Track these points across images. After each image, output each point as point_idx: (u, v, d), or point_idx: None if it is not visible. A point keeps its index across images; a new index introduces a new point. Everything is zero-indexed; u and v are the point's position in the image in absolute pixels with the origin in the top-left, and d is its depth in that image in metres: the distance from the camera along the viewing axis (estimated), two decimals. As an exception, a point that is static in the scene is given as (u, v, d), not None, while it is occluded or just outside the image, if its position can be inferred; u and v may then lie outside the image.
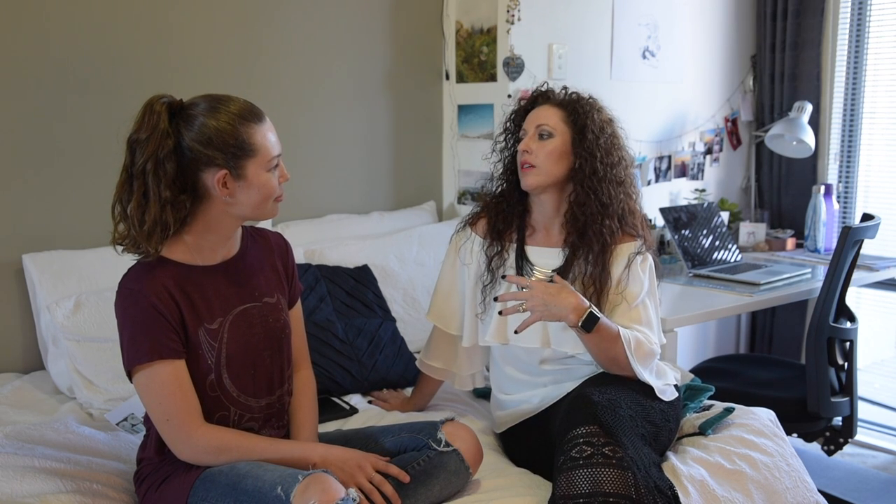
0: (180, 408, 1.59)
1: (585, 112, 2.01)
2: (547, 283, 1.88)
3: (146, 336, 1.58)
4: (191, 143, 1.59)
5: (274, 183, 1.67)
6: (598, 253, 1.98)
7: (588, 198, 1.98)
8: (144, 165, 1.58)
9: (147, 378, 1.59)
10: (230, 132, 1.60)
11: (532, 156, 2.00)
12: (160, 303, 1.59)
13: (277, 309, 1.79)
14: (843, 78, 3.80)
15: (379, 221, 3.08)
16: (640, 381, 1.90)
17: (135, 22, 2.55)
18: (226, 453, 1.62)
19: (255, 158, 1.63)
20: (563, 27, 3.21)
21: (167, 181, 1.58)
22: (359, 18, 3.04)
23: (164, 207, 1.59)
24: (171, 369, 1.59)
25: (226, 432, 1.64)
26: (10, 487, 1.65)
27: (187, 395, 1.61)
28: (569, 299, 1.82)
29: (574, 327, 1.83)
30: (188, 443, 1.61)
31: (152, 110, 1.60)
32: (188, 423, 1.60)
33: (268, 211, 1.70)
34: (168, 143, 1.58)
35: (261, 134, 1.64)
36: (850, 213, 3.85)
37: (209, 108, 1.61)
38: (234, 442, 1.63)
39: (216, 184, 1.61)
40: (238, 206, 1.65)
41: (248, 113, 1.63)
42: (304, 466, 1.62)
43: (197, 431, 1.60)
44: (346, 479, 1.61)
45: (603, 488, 1.59)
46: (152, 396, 1.60)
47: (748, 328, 4.12)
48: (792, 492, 1.96)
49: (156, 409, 1.61)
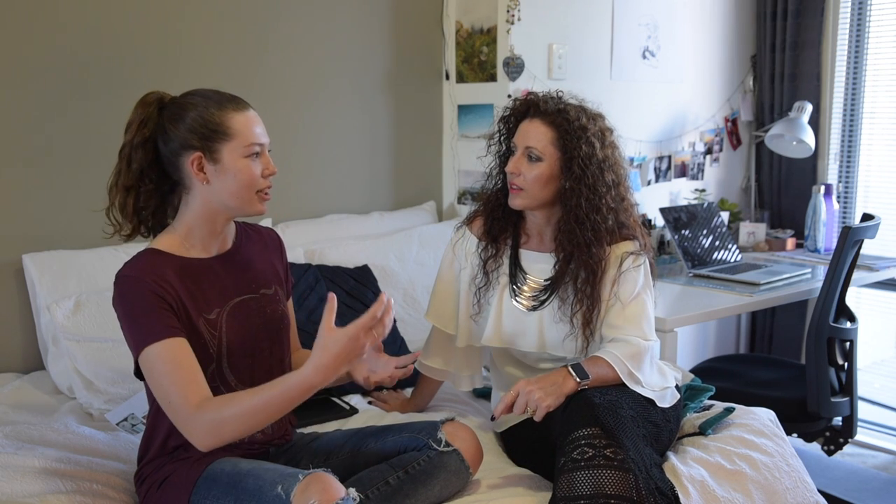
0: (179, 389, 1.53)
1: (577, 136, 1.94)
2: (528, 380, 1.80)
3: (144, 322, 1.57)
4: (171, 129, 1.64)
5: (253, 171, 1.66)
6: (588, 273, 1.97)
7: (573, 231, 1.95)
8: (121, 151, 1.67)
9: (148, 362, 1.57)
10: (206, 115, 1.63)
11: (520, 178, 1.97)
12: (158, 287, 1.59)
13: (275, 300, 1.80)
14: (843, 78, 3.80)
15: (379, 221, 3.08)
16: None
17: (135, 23, 2.55)
18: (226, 424, 1.52)
19: (231, 142, 1.63)
20: (563, 27, 3.21)
21: (135, 168, 1.66)
22: (359, 18, 3.04)
23: (127, 193, 1.67)
24: (165, 348, 1.55)
25: (216, 407, 1.53)
26: (10, 487, 1.65)
27: (185, 374, 1.54)
28: (550, 378, 1.80)
29: (577, 388, 1.79)
30: (187, 427, 1.54)
31: (143, 102, 1.68)
32: (185, 407, 1.53)
33: (251, 202, 1.68)
34: (144, 132, 1.65)
35: (239, 120, 1.65)
36: (850, 213, 3.85)
37: (192, 97, 1.67)
38: (227, 410, 1.52)
39: (191, 166, 1.64)
40: (217, 193, 1.66)
41: (226, 100, 1.67)
42: (307, 391, 1.53)
43: (193, 416, 1.52)
44: (352, 357, 1.52)
45: (604, 490, 1.59)
46: (153, 379, 1.57)
47: (748, 328, 4.12)
48: (792, 492, 1.96)
49: (157, 392, 1.57)
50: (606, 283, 1.98)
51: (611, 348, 1.89)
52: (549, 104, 1.99)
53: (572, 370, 1.81)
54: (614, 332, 1.95)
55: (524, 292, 2.05)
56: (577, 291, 1.97)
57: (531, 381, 1.79)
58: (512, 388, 1.79)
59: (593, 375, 1.82)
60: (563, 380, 1.80)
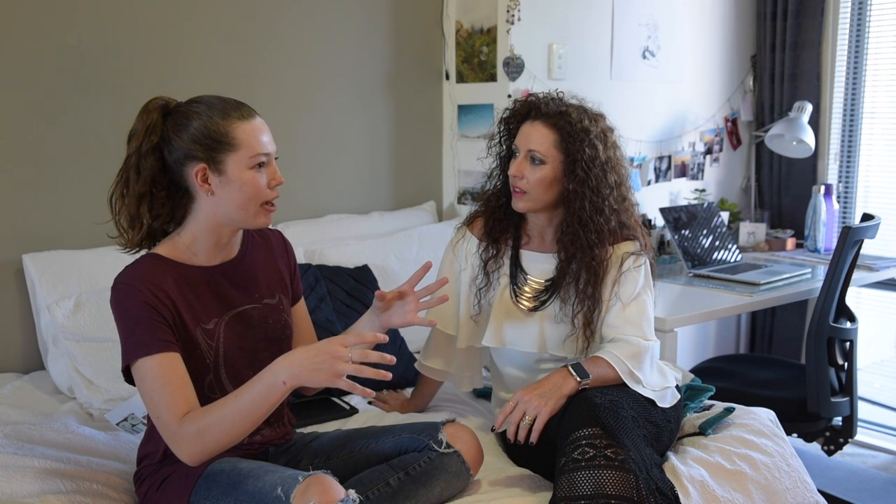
0: (167, 404, 1.52)
1: (580, 138, 1.93)
2: (526, 388, 1.81)
3: (136, 333, 1.56)
4: (175, 139, 1.61)
5: (258, 182, 1.63)
6: (590, 274, 1.97)
7: (577, 233, 1.95)
8: (129, 159, 1.64)
9: (139, 376, 1.56)
10: (210, 124, 1.60)
11: (523, 181, 1.97)
12: (153, 297, 1.57)
13: (278, 310, 1.79)
14: (843, 78, 3.80)
15: (379, 221, 3.08)
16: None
17: (136, 22, 2.55)
18: (207, 433, 1.50)
19: (236, 153, 1.61)
20: (563, 27, 3.21)
21: (145, 176, 1.63)
22: (359, 18, 3.04)
23: (140, 201, 1.64)
24: (155, 363, 1.53)
25: (196, 415, 1.52)
26: (10, 487, 1.65)
27: (174, 390, 1.53)
28: (550, 380, 1.80)
29: (578, 388, 1.79)
30: (174, 442, 1.53)
31: (147, 109, 1.65)
32: (171, 421, 1.52)
33: (256, 215, 1.65)
34: (152, 139, 1.62)
35: (244, 129, 1.62)
36: (850, 213, 3.85)
37: (197, 105, 1.64)
38: (206, 418, 1.51)
39: (195, 178, 1.61)
40: (222, 204, 1.63)
41: (231, 108, 1.63)
42: (279, 392, 1.50)
43: (177, 430, 1.51)
44: (329, 376, 1.47)
45: (605, 490, 1.59)
46: (143, 393, 1.57)
47: (748, 328, 4.12)
48: (792, 492, 1.96)
49: (147, 406, 1.57)
50: (608, 283, 1.98)
51: (611, 348, 1.89)
52: (551, 106, 1.99)
53: (572, 370, 1.81)
54: (614, 332, 1.95)
55: (525, 293, 2.05)
56: (579, 292, 1.97)
57: (529, 390, 1.79)
58: (511, 399, 1.79)
59: (594, 375, 1.82)
60: (563, 380, 1.80)
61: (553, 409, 1.75)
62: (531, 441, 1.74)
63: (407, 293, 1.84)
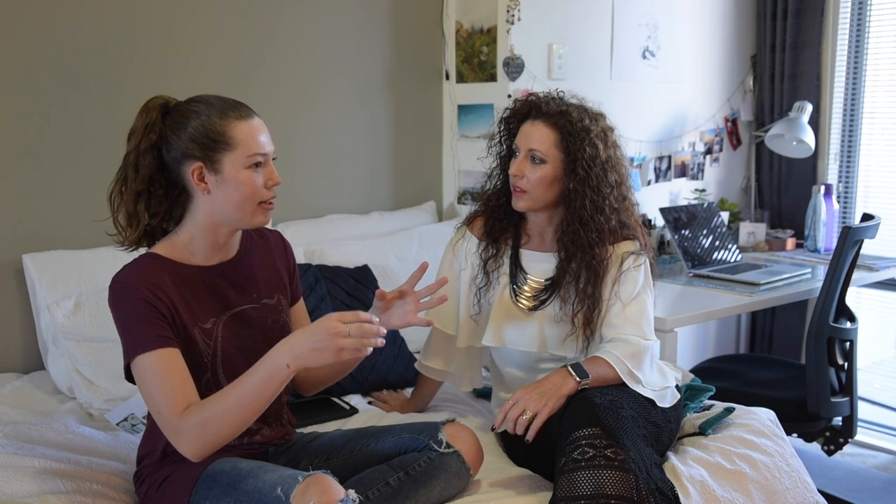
0: (167, 398, 1.53)
1: (580, 137, 1.93)
2: (526, 387, 1.81)
3: (134, 330, 1.56)
4: (173, 138, 1.62)
5: (255, 182, 1.63)
6: (590, 274, 1.97)
7: (577, 233, 1.95)
8: (128, 157, 1.65)
9: (139, 372, 1.57)
10: (207, 124, 1.60)
11: (524, 181, 1.97)
12: (151, 295, 1.57)
13: (277, 310, 1.79)
14: (843, 78, 3.80)
15: (379, 221, 3.08)
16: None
17: (136, 22, 2.55)
18: (209, 424, 1.50)
19: (233, 152, 1.61)
20: (563, 27, 3.21)
21: (143, 174, 1.63)
22: (359, 19, 3.04)
23: (138, 199, 1.65)
24: (155, 359, 1.54)
25: (197, 407, 1.52)
26: (10, 487, 1.65)
27: (174, 384, 1.53)
28: (550, 380, 1.80)
29: (577, 388, 1.79)
30: (175, 436, 1.53)
31: (147, 107, 1.65)
32: (172, 416, 1.52)
33: (253, 214, 1.65)
34: (151, 137, 1.63)
35: (241, 129, 1.61)
36: (850, 213, 3.85)
37: (196, 104, 1.64)
38: (208, 410, 1.51)
39: (192, 176, 1.61)
40: (218, 204, 1.63)
41: (230, 108, 1.63)
42: (281, 377, 1.51)
43: (178, 424, 1.52)
44: (332, 353, 1.47)
45: (605, 490, 1.59)
46: (144, 390, 1.57)
47: (748, 328, 4.12)
48: (792, 492, 1.96)
49: (148, 402, 1.57)
50: (607, 282, 1.98)
51: (610, 348, 1.89)
52: (551, 105, 1.99)
53: (572, 370, 1.81)
54: (614, 331, 1.95)
55: (525, 292, 2.05)
56: (579, 292, 1.97)
57: (529, 389, 1.79)
58: (511, 398, 1.79)
59: (593, 375, 1.82)
60: (562, 380, 1.80)
61: (553, 409, 1.75)
62: (527, 439, 1.74)
63: (407, 293, 1.85)
